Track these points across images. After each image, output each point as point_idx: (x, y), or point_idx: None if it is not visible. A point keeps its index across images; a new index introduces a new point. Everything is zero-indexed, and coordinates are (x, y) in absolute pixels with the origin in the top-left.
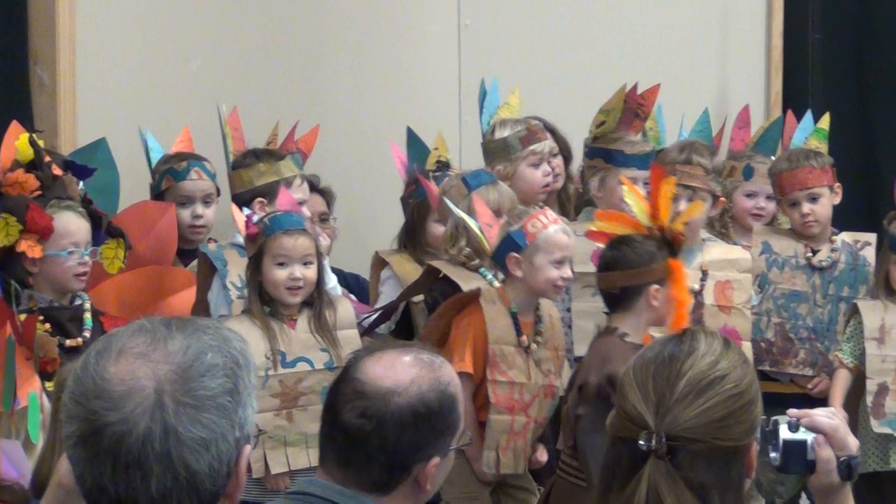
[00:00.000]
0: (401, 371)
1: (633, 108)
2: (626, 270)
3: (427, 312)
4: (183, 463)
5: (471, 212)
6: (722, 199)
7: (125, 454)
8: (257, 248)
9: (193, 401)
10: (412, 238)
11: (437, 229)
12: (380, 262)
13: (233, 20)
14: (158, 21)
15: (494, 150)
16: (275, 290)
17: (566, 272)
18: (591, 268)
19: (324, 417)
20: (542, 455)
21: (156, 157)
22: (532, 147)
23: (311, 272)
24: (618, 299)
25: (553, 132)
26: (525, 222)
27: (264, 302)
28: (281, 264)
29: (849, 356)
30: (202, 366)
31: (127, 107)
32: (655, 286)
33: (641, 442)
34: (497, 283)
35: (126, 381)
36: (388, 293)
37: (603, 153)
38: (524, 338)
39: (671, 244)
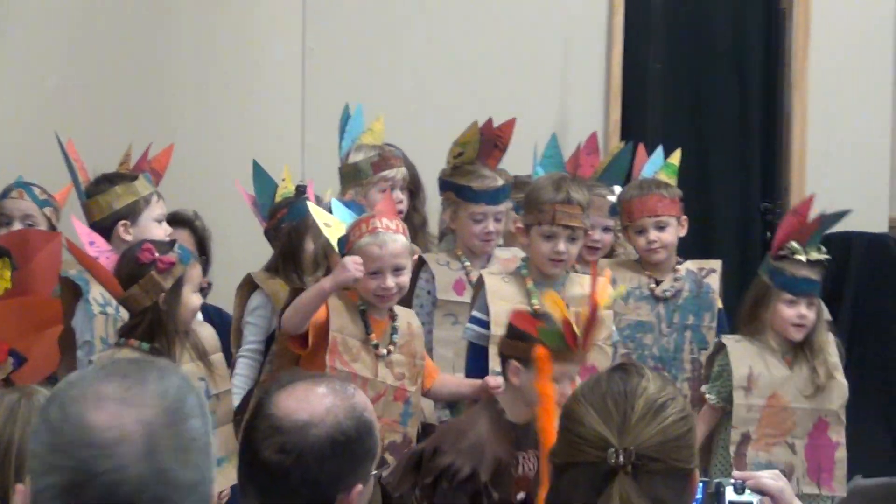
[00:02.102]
0: (315, 402)
1: (491, 139)
2: (507, 340)
3: None
4: None
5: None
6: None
7: (119, 502)
8: None
9: (182, 443)
10: (290, 263)
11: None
12: (249, 286)
13: (85, 44)
14: (14, 41)
15: (347, 174)
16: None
17: (385, 282)
18: (454, 296)
19: (241, 456)
20: None
21: None
22: (383, 173)
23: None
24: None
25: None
26: (351, 228)
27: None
28: None
29: (715, 397)
30: (186, 407)
31: None
32: (515, 363)
33: (611, 460)
34: None
35: (114, 428)
36: (258, 324)
37: (453, 187)
38: (373, 336)
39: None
